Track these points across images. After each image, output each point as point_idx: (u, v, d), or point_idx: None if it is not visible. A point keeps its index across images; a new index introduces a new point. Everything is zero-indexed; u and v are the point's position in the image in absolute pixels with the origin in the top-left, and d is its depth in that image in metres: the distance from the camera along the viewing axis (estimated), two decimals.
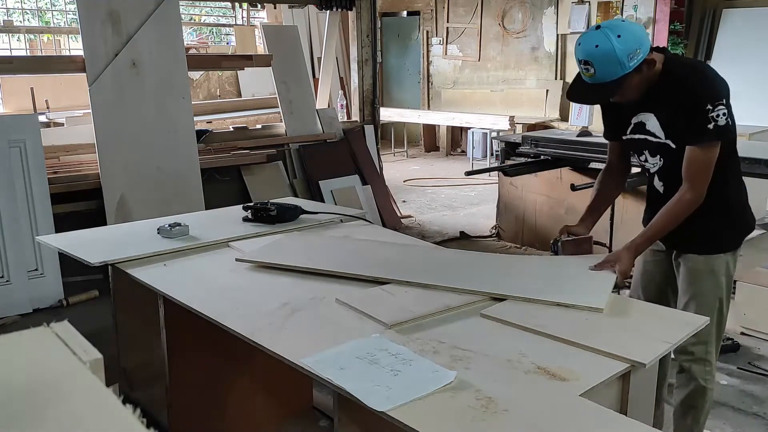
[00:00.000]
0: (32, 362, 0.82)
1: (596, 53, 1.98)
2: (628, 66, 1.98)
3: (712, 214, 2.15)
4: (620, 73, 1.99)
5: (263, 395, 2.67)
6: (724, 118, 1.99)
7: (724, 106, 1.99)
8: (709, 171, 2.05)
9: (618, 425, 1.34)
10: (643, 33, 2.04)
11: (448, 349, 1.63)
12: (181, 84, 4.68)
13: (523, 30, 9.05)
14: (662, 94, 2.08)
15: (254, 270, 2.30)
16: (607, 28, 1.99)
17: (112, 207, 4.33)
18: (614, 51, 1.96)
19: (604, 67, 1.99)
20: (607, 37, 1.96)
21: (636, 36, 1.99)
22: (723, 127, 2.00)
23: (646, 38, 2.03)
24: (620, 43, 1.96)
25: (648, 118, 2.15)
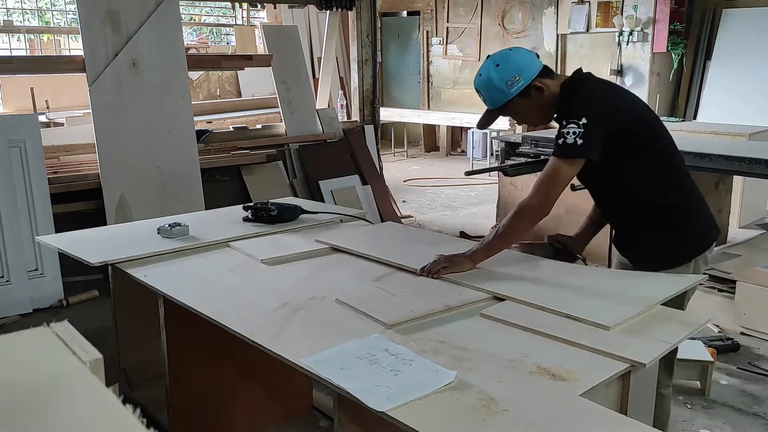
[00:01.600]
0: (32, 362, 0.82)
1: (480, 82, 2.18)
2: (509, 93, 2.12)
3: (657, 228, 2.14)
4: (503, 99, 2.13)
5: (263, 395, 2.67)
6: (573, 137, 2.00)
7: (576, 126, 2.00)
8: (552, 184, 2.05)
9: (618, 425, 1.34)
10: (525, 60, 2.14)
11: (449, 349, 1.63)
12: (181, 84, 4.68)
13: (523, 30, 9.05)
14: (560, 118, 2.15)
15: (254, 270, 2.30)
16: (491, 59, 2.17)
17: (112, 207, 4.33)
18: (492, 80, 2.13)
19: (488, 94, 2.16)
20: (488, 67, 2.15)
21: (515, 64, 2.12)
22: (570, 146, 2.01)
23: (528, 65, 2.13)
24: (497, 72, 2.12)
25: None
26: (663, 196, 2.13)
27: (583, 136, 1.99)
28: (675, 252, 2.14)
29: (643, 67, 7.62)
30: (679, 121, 6.91)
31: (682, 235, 2.15)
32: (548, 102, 2.15)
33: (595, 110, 2.04)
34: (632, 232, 2.21)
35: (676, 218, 2.15)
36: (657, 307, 1.87)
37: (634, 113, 2.14)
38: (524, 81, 2.11)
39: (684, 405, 2.89)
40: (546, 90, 2.13)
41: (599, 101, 2.09)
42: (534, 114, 2.21)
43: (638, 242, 2.20)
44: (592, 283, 2.06)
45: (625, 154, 2.08)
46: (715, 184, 4.88)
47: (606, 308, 1.81)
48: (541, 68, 2.14)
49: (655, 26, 7.47)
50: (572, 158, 2.03)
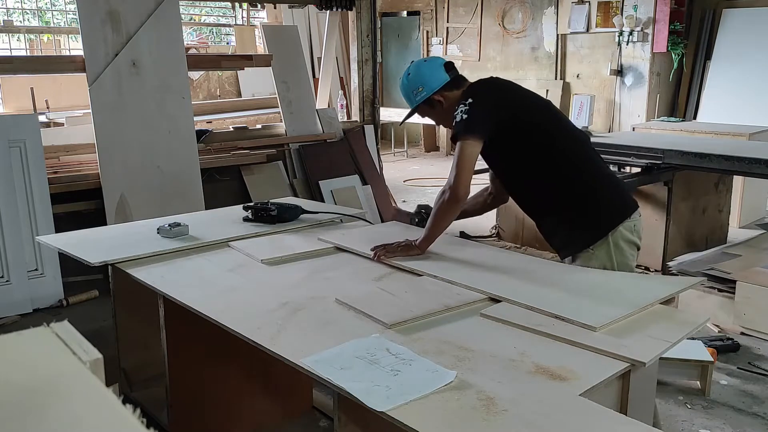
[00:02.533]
0: (32, 362, 0.82)
1: (400, 85, 2.43)
2: (415, 100, 2.35)
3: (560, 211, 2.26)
4: (413, 104, 2.38)
5: (263, 395, 2.67)
6: (460, 114, 2.19)
7: (463, 106, 2.19)
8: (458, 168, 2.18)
9: (618, 425, 1.34)
10: (430, 73, 2.33)
11: (448, 348, 1.63)
12: (181, 84, 4.68)
13: (523, 30, 9.05)
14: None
15: (254, 270, 2.30)
16: (408, 67, 2.40)
17: (112, 207, 4.33)
18: (403, 86, 2.39)
19: (404, 97, 2.41)
20: (404, 74, 2.39)
21: (420, 77, 2.34)
22: (459, 123, 2.19)
23: (432, 78, 2.32)
24: (406, 81, 2.37)
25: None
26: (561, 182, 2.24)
27: (467, 112, 2.18)
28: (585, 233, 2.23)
29: (643, 67, 7.62)
30: (679, 121, 6.91)
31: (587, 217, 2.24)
32: (450, 111, 2.28)
33: (480, 94, 2.25)
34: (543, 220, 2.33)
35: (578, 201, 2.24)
36: (655, 306, 1.87)
37: (523, 99, 2.32)
38: (426, 92, 2.33)
39: (684, 405, 2.89)
40: (445, 101, 2.32)
41: (487, 87, 2.31)
42: (440, 120, 2.42)
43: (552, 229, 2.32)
44: (588, 284, 2.06)
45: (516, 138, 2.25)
46: (715, 184, 4.88)
47: (595, 309, 1.81)
48: (445, 81, 2.32)
49: (655, 26, 7.47)
50: (464, 136, 2.19)
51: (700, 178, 4.64)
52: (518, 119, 2.25)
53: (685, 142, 4.73)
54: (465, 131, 2.18)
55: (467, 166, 2.19)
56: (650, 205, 4.44)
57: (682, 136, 5.69)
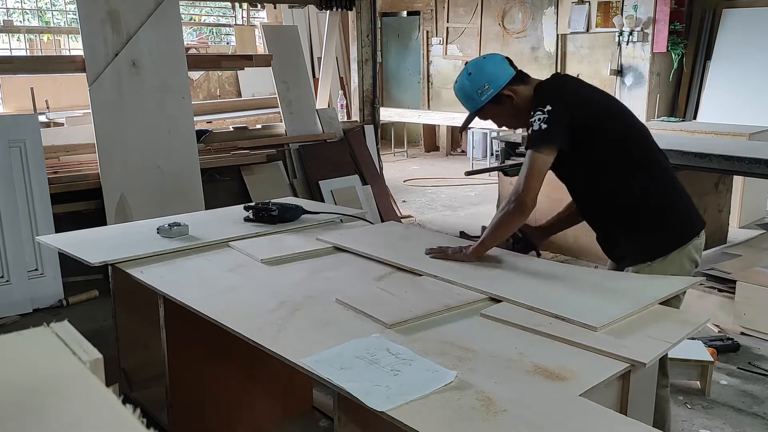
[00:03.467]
0: (32, 362, 0.82)
1: (456, 89, 2.30)
2: (480, 100, 2.21)
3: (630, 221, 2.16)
4: (476, 105, 2.23)
5: (263, 395, 2.67)
6: (539, 123, 2.05)
7: (541, 113, 2.06)
8: (528, 177, 2.08)
9: (618, 425, 1.34)
10: (495, 69, 2.22)
11: (448, 348, 1.63)
12: (181, 84, 4.68)
13: (523, 30, 9.05)
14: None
15: (254, 270, 2.30)
16: (465, 67, 2.27)
17: (112, 207, 4.33)
18: (464, 88, 2.25)
19: (463, 100, 2.27)
20: (463, 75, 2.25)
21: (484, 73, 2.21)
22: (536, 133, 2.05)
23: (498, 74, 2.20)
24: (469, 80, 2.23)
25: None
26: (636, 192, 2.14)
27: (547, 121, 2.05)
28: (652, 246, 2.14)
29: (643, 67, 7.62)
30: (679, 121, 6.91)
31: (658, 230, 2.14)
32: (521, 107, 2.19)
33: (560, 98, 2.10)
34: (608, 230, 2.24)
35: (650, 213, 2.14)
36: (654, 306, 1.87)
37: (603, 107, 2.18)
38: (493, 89, 2.19)
39: (684, 405, 2.89)
40: (516, 97, 2.19)
41: (565, 91, 2.16)
42: (508, 119, 2.29)
43: (615, 239, 2.22)
44: (588, 284, 2.06)
45: (594, 147, 2.12)
46: (715, 184, 4.88)
47: (595, 309, 1.81)
48: (512, 75, 2.21)
49: (655, 26, 7.47)
50: (541, 146, 2.07)
51: (700, 178, 4.64)
52: (597, 128, 2.12)
53: (685, 142, 4.73)
54: (544, 141, 2.06)
55: (540, 177, 2.09)
56: None
57: (682, 136, 5.68)
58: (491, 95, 2.19)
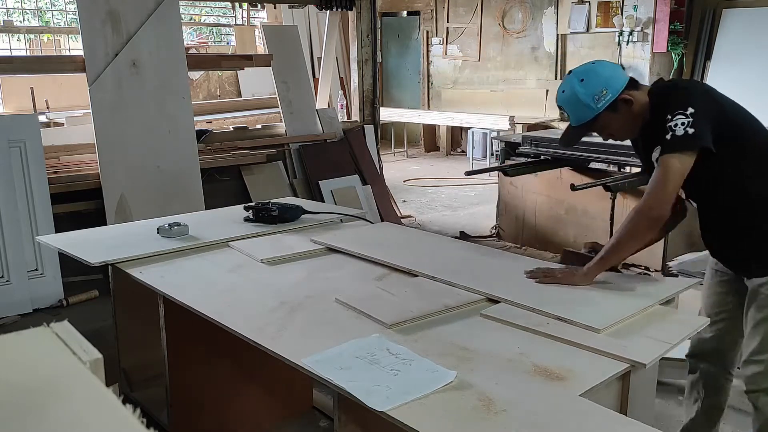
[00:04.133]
0: (32, 362, 0.82)
1: (564, 99, 2.09)
2: (596, 108, 2.02)
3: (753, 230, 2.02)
4: (590, 115, 2.04)
5: (263, 395, 2.67)
6: (683, 128, 1.89)
7: (683, 116, 1.90)
8: (666, 183, 1.93)
9: (618, 425, 1.34)
10: (611, 73, 2.05)
11: (448, 349, 1.63)
12: (181, 84, 4.68)
13: (523, 30, 9.05)
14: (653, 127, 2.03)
15: (254, 270, 2.30)
16: (574, 74, 2.08)
17: (112, 207, 4.33)
18: (577, 96, 2.04)
19: (574, 110, 2.07)
20: (572, 82, 2.06)
21: (601, 78, 2.03)
22: (681, 138, 1.89)
23: (614, 78, 2.03)
24: (583, 87, 2.03)
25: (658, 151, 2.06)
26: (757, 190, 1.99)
27: (693, 125, 1.88)
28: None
29: (643, 67, 7.62)
30: None
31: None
32: (637, 114, 2.05)
33: (699, 99, 1.95)
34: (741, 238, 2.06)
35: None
36: (654, 307, 1.87)
37: (732, 107, 2.05)
38: (612, 94, 2.02)
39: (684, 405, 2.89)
40: (635, 102, 2.03)
41: (700, 92, 2.01)
42: (623, 128, 2.10)
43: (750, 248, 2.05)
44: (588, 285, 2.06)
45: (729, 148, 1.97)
46: None
47: (597, 310, 1.81)
48: (627, 80, 2.05)
49: (655, 26, 7.47)
50: (684, 151, 1.91)
51: None
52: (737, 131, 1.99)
53: None
54: (688, 145, 1.90)
55: (676, 184, 1.94)
56: None
57: None
58: (609, 101, 2.02)
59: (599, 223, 4.54)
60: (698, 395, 2.38)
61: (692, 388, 2.38)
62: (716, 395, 2.35)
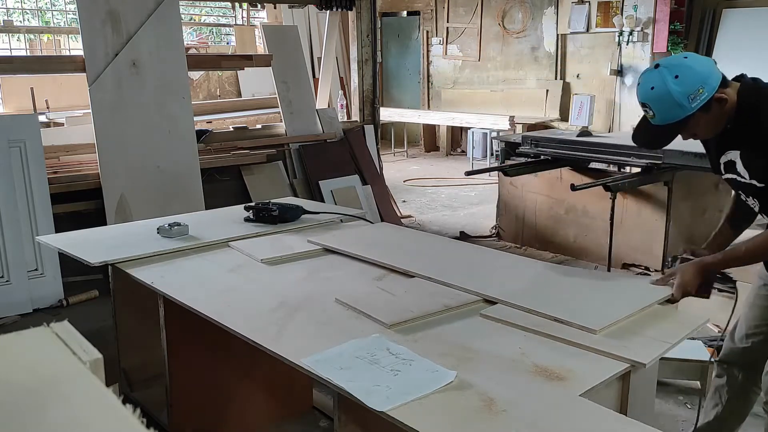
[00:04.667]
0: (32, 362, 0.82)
1: (652, 96, 1.87)
2: (690, 108, 1.84)
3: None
4: (681, 115, 1.85)
5: (263, 395, 2.67)
6: None
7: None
8: None
9: (618, 425, 1.34)
10: (707, 69, 1.86)
11: (448, 349, 1.63)
12: (181, 84, 4.68)
13: (523, 30, 9.05)
14: (740, 131, 1.92)
15: (254, 270, 2.30)
16: (664, 68, 1.86)
17: (112, 207, 4.33)
18: (671, 94, 1.82)
19: (662, 109, 1.87)
20: (664, 78, 1.84)
21: (698, 75, 1.83)
22: None
23: (711, 75, 1.85)
24: (678, 85, 1.82)
25: (735, 155, 1.98)
26: None
27: None
28: None
29: (643, 67, 7.59)
30: None
31: None
32: (725, 114, 1.89)
33: None
34: None
35: None
36: (654, 307, 1.87)
37: None
38: (708, 94, 1.83)
39: (684, 405, 2.89)
40: (729, 101, 1.87)
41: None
42: (708, 128, 1.94)
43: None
44: (583, 286, 2.06)
45: None
46: (715, 184, 4.87)
47: (594, 311, 1.80)
48: (721, 78, 1.88)
49: (655, 26, 7.47)
50: None
51: (700, 178, 4.64)
52: None
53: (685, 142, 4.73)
54: None
55: None
56: (650, 205, 4.44)
57: None
58: (705, 100, 1.83)
59: (599, 223, 4.54)
60: (720, 400, 2.35)
61: (715, 392, 2.36)
62: (740, 405, 2.33)
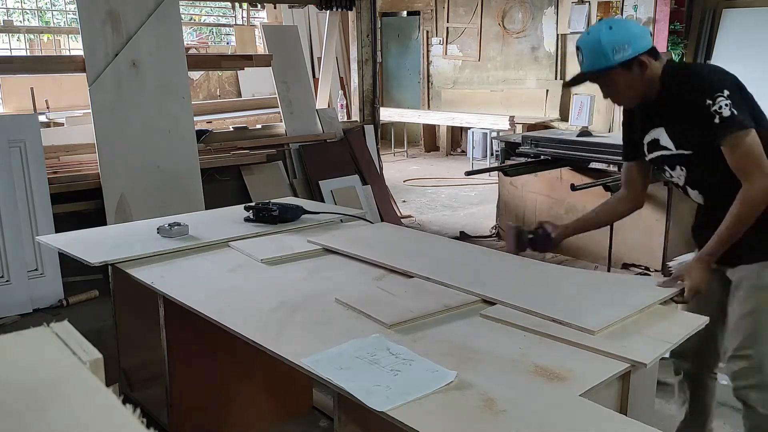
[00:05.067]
0: (32, 362, 0.82)
1: (585, 40, 2.04)
2: (613, 59, 1.98)
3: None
4: (604, 64, 1.99)
5: (263, 395, 2.67)
6: (728, 108, 1.88)
7: (723, 97, 1.89)
8: (753, 160, 1.89)
9: (618, 425, 1.34)
10: (639, 32, 2.02)
11: (448, 349, 1.63)
12: (181, 84, 4.68)
13: (523, 30, 9.05)
14: (665, 106, 2.04)
15: (254, 270, 2.30)
16: (605, 21, 2.05)
17: (112, 207, 4.33)
18: (600, 41, 1.99)
19: (590, 55, 2.02)
20: (600, 27, 2.01)
21: (629, 32, 1.99)
22: (734, 118, 1.88)
23: (641, 38, 2.00)
24: (608, 35, 1.98)
25: (659, 133, 2.10)
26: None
27: (735, 106, 1.89)
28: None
29: None
30: None
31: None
32: (646, 83, 2.02)
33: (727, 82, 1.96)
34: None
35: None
36: (654, 307, 1.87)
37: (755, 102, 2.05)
38: (632, 52, 1.98)
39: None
40: (649, 69, 2.00)
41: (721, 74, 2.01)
42: (626, 90, 2.06)
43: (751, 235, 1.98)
44: (583, 286, 2.06)
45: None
46: None
47: (593, 312, 1.79)
48: (651, 47, 2.01)
49: (655, 26, 7.47)
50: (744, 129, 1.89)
51: None
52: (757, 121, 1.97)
53: None
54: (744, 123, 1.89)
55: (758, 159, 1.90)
56: (650, 205, 4.44)
57: None
58: (627, 57, 1.97)
59: None
60: (684, 396, 2.38)
61: (679, 390, 2.40)
62: (701, 395, 2.35)
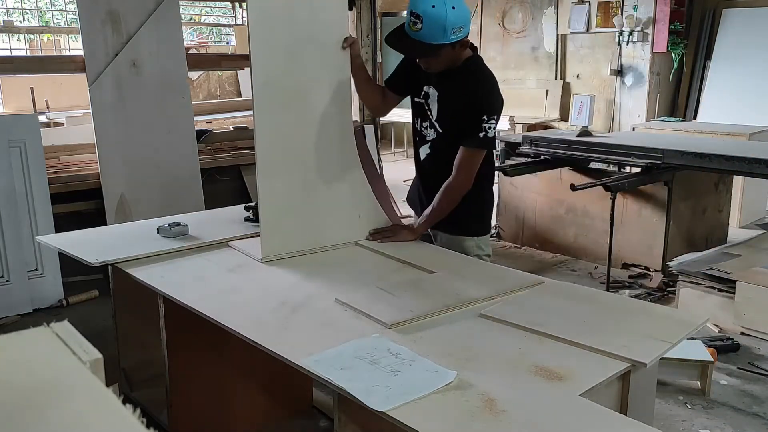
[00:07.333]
0: (32, 362, 0.82)
1: (430, 12, 2.16)
2: (448, 38, 2.17)
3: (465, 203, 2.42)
4: (441, 40, 2.18)
5: (263, 395, 2.67)
6: (492, 131, 2.30)
7: (495, 122, 2.29)
8: (473, 169, 2.36)
9: (618, 425, 1.34)
10: (469, 16, 2.26)
11: (448, 348, 1.63)
12: (181, 84, 4.68)
13: (523, 30, 9.05)
14: (455, 82, 2.32)
15: (254, 269, 2.30)
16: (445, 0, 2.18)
17: (112, 207, 4.33)
18: (446, 19, 2.14)
19: (431, 28, 2.17)
20: (445, 3, 2.14)
21: (466, 16, 2.21)
22: (491, 139, 2.31)
23: (469, 22, 2.26)
24: (452, 15, 2.14)
25: (435, 94, 2.40)
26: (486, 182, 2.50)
27: (494, 129, 2.32)
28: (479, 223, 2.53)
29: (643, 67, 7.62)
30: (679, 121, 6.91)
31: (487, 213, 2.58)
32: (455, 59, 2.31)
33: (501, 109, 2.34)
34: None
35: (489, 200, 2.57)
36: (654, 307, 1.87)
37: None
38: (463, 34, 2.22)
39: (684, 405, 2.89)
40: (461, 51, 2.30)
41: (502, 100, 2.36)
42: (441, 63, 2.31)
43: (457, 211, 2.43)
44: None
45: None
46: (715, 184, 4.88)
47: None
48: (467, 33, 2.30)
49: (655, 26, 7.47)
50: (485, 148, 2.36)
51: (700, 178, 4.64)
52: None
53: (685, 142, 4.73)
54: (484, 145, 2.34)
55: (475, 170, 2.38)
56: (650, 205, 4.44)
57: (682, 136, 5.68)
58: (459, 38, 2.21)
59: (599, 223, 4.54)
60: None
61: None
62: None
